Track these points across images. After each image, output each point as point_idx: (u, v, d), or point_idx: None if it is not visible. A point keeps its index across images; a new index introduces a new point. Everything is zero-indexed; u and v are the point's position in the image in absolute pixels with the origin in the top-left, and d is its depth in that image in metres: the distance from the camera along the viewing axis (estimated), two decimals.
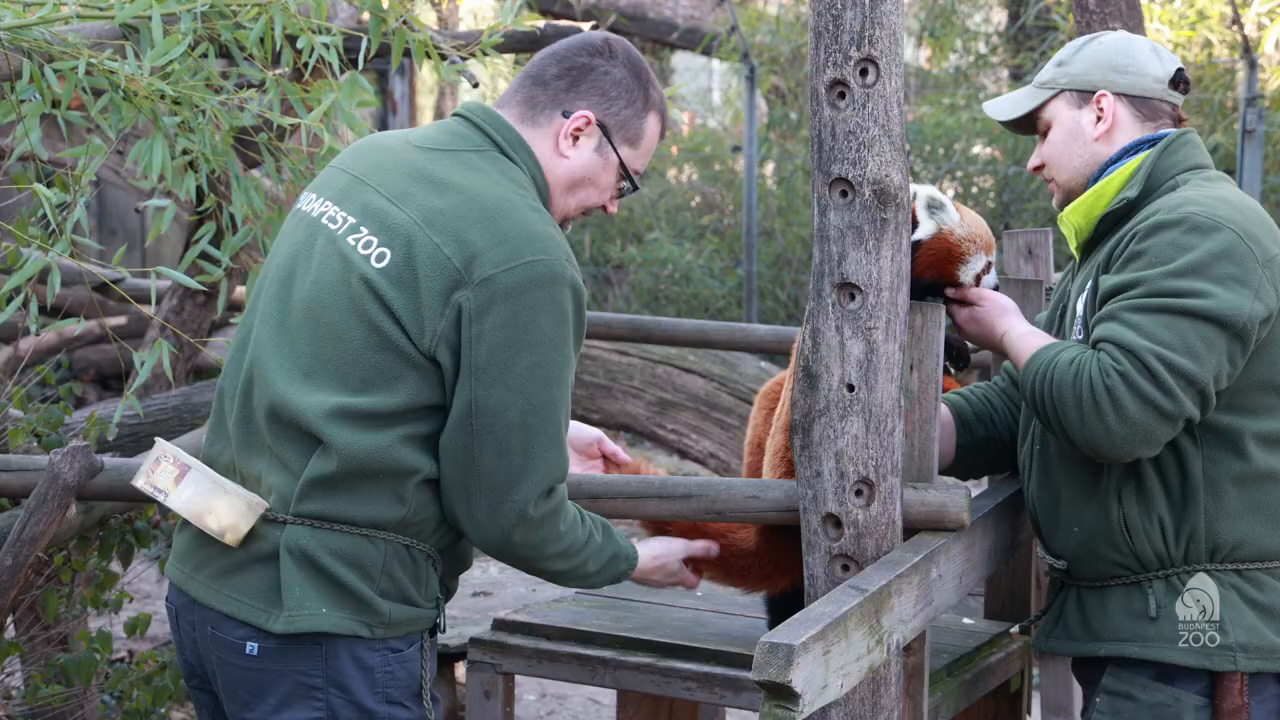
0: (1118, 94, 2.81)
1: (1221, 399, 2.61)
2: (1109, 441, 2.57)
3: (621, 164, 2.63)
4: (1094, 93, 2.82)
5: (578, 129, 2.59)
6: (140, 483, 2.59)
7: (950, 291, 2.88)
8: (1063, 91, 2.85)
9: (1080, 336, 2.75)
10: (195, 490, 2.51)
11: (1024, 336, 2.80)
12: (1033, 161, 2.93)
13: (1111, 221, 2.76)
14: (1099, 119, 2.82)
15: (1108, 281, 2.66)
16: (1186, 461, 2.65)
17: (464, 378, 2.44)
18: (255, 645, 2.49)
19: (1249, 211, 2.68)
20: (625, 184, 2.66)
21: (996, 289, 2.93)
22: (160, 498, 2.56)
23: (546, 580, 2.66)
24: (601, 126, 2.60)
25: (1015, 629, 3.26)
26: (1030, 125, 2.92)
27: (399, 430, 2.45)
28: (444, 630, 2.61)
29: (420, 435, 2.47)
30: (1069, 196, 2.85)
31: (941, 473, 3.06)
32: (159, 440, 2.60)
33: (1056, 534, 2.80)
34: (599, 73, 2.60)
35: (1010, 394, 3.03)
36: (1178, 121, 2.85)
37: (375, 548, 2.48)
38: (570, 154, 2.60)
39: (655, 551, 2.78)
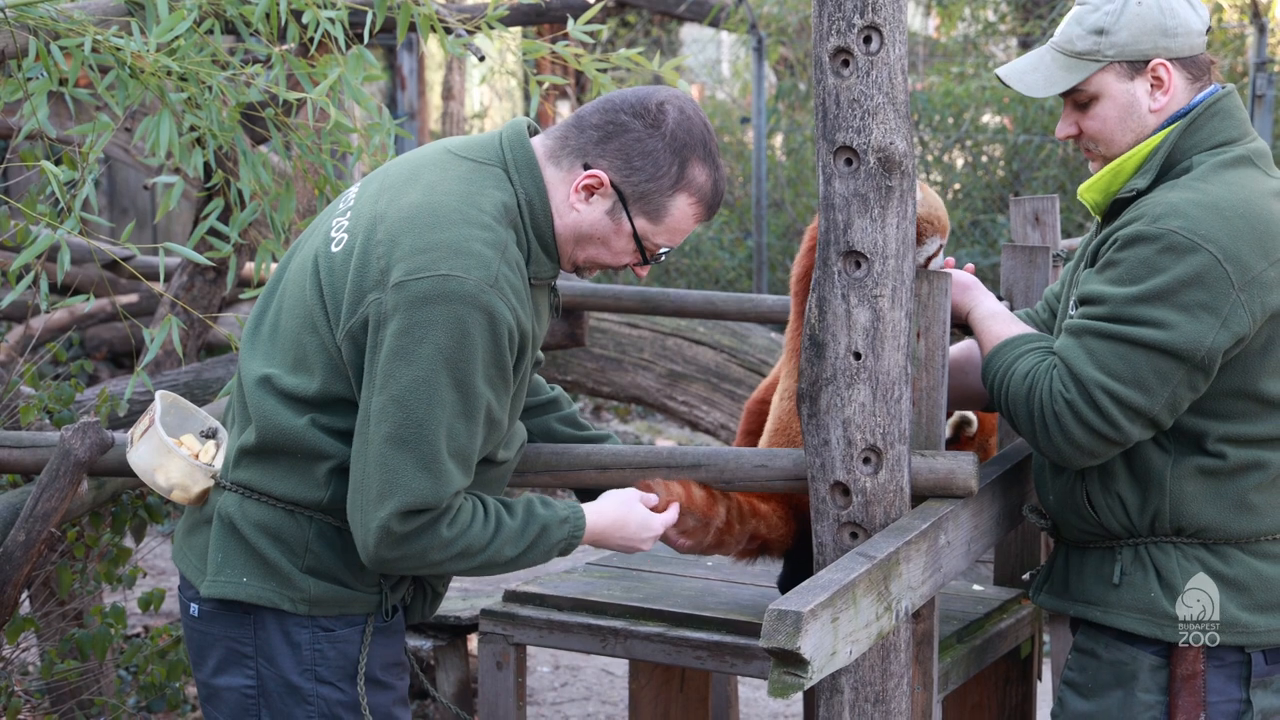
0: (1171, 59, 2.67)
1: (1189, 405, 2.61)
2: (1057, 455, 2.64)
3: (635, 235, 2.54)
4: (1146, 62, 2.66)
5: (589, 185, 2.50)
6: (130, 431, 2.65)
7: None
8: (1111, 63, 2.67)
9: None
10: (148, 448, 2.57)
11: (986, 319, 2.79)
12: (1066, 131, 2.76)
13: (1123, 204, 2.70)
14: (1155, 89, 2.67)
15: (1084, 285, 2.65)
16: (1151, 453, 2.65)
17: (365, 382, 2.41)
18: (196, 607, 2.55)
19: (1241, 220, 2.56)
20: (642, 256, 2.56)
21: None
22: (128, 449, 2.63)
23: (464, 576, 2.55)
24: (617, 191, 2.51)
25: (1025, 575, 3.27)
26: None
27: (312, 415, 2.46)
28: (389, 616, 2.57)
29: (335, 427, 2.47)
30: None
31: (984, 410, 3.07)
32: (159, 393, 2.65)
33: (1044, 495, 2.84)
34: (631, 137, 2.49)
35: (1049, 326, 2.98)
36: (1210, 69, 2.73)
37: (298, 524, 2.49)
38: (580, 208, 2.52)
39: (608, 507, 2.62)
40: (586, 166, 2.51)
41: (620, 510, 2.64)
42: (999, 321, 2.78)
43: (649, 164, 2.50)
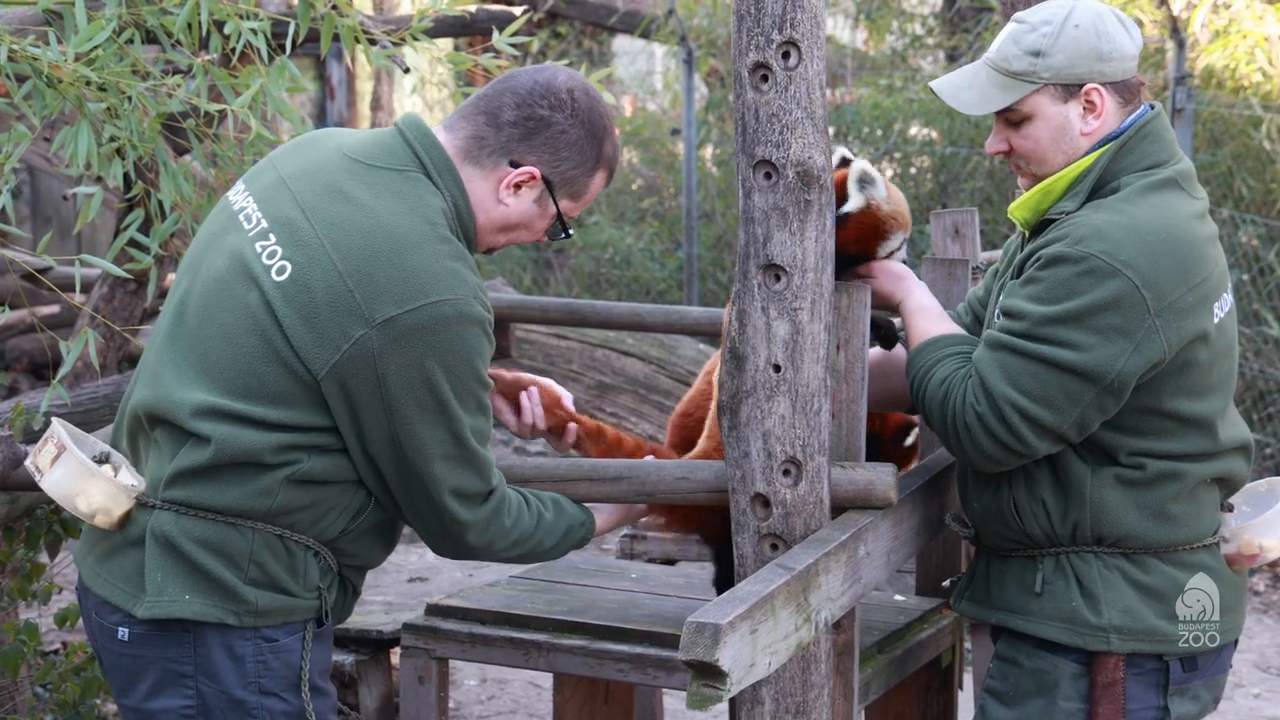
0: (1105, 84, 2.68)
1: (1106, 419, 2.64)
2: (965, 460, 2.73)
3: (559, 214, 2.63)
4: (1080, 86, 2.68)
5: (521, 181, 2.58)
6: (27, 461, 2.60)
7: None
8: (1046, 85, 2.68)
9: None
10: (66, 472, 2.52)
11: (915, 314, 2.83)
12: (996, 147, 2.77)
13: (1052, 220, 2.72)
14: (1088, 112, 2.69)
15: (1008, 297, 2.68)
16: (1072, 462, 2.69)
17: (377, 414, 2.45)
18: (126, 630, 2.51)
19: (1162, 245, 2.59)
20: (558, 231, 2.66)
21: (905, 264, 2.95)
22: (37, 478, 2.57)
23: (509, 563, 2.75)
24: (546, 181, 2.59)
25: (945, 583, 3.30)
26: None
27: (279, 435, 2.45)
28: (326, 620, 2.59)
29: (301, 444, 2.47)
30: (1040, 182, 2.74)
31: (908, 413, 3.10)
32: (55, 420, 2.60)
33: (967, 504, 2.86)
34: (555, 130, 2.57)
35: (971, 329, 2.99)
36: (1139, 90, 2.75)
37: (241, 536, 2.48)
38: (509, 201, 2.59)
39: (614, 506, 2.86)
40: (514, 164, 2.56)
41: (620, 513, 2.88)
42: (927, 317, 2.81)
43: (574, 153, 2.59)
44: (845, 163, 2.89)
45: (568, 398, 2.95)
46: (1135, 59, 2.73)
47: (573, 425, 2.93)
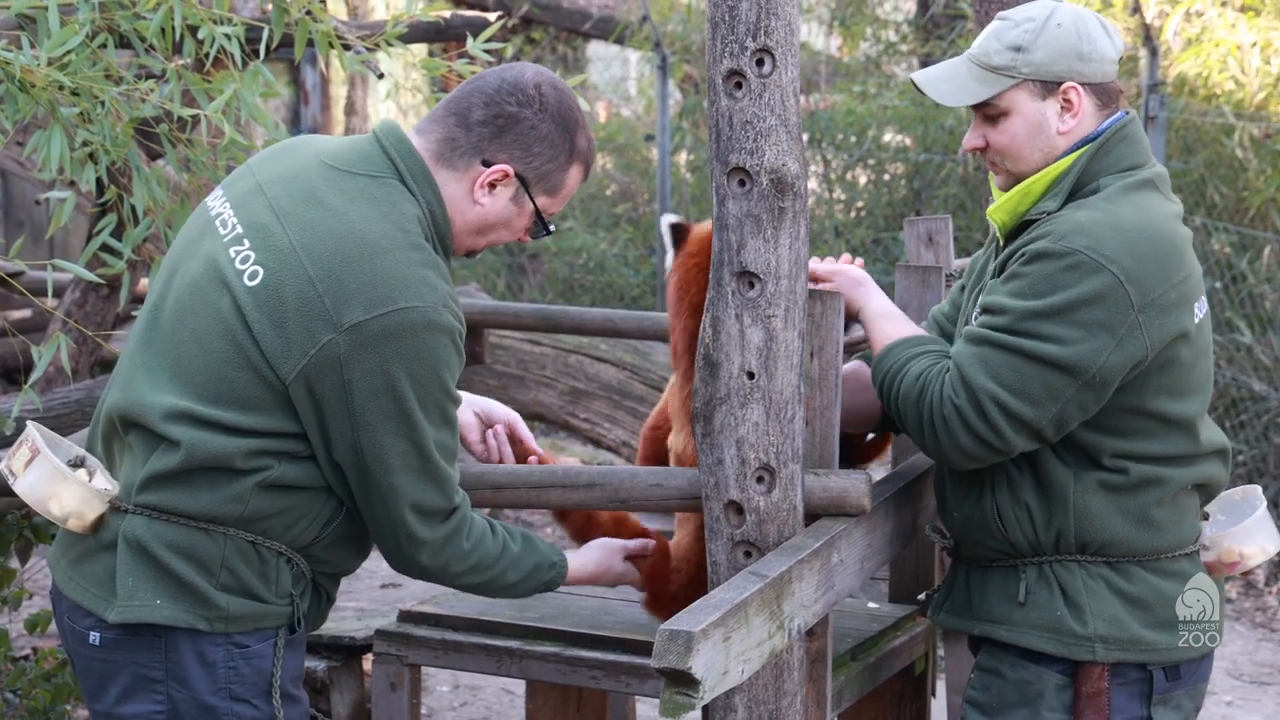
0: (1083, 84, 2.69)
1: (1088, 420, 2.65)
2: (942, 456, 2.70)
3: (537, 211, 2.62)
4: (1058, 84, 2.68)
5: (495, 180, 2.57)
6: (1, 465, 2.59)
7: None
8: (1024, 81, 2.69)
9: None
10: (39, 475, 2.51)
11: (877, 318, 2.83)
12: (973, 143, 2.77)
13: (1030, 222, 2.72)
14: (1065, 111, 2.69)
15: (989, 294, 2.68)
16: (1054, 468, 2.69)
17: (342, 421, 2.45)
18: (98, 635, 2.50)
19: (1146, 243, 2.60)
20: (539, 229, 2.65)
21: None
22: (10, 481, 2.56)
23: (470, 593, 2.72)
24: (520, 178, 2.58)
25: (921, 595, 3.30)
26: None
27: (249, 440, 2.45)
28: (299, 627, 2.59)
29: (270, 449, 2.47)
30: (1017, 181, 2.75)
31: (876, 429, 3.10)
32: (30, 424, 2.59)
33: (946, 513, 2.86)
34: (525, 126, 2.55)
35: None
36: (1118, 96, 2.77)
37: (213, 541, 2.47)
38: (485, 201, 2.57)
39: (595, 558, 2.85)
40: (486, 163, 2.55)
41: (600, 569, 2.86)
42: (891, 321, 2.82)
43: (546, 147, 2.58)
44: (675, 228, 3.00)
45: (530, 439, 2.96)
46: (1115, 63, 2.74)
47: (534, 459, 2.92)
